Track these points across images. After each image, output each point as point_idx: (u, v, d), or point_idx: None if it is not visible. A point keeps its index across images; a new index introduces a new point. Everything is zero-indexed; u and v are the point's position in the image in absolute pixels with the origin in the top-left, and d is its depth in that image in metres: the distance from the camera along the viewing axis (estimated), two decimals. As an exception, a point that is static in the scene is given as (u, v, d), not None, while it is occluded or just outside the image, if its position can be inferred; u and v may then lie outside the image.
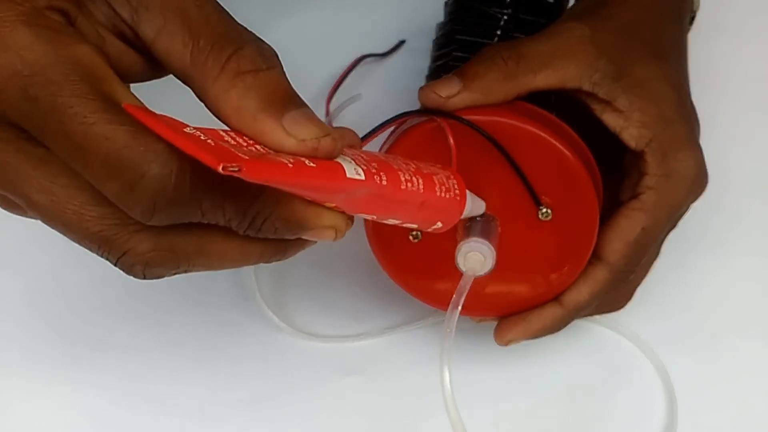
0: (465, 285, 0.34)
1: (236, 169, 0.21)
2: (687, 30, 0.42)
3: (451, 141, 0.34)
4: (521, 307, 0.38)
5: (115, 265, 0.26)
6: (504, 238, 0.36)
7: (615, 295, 0.39)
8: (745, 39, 0.54)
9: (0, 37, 0.23)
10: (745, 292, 0.46)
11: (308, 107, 0.26)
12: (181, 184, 0.23)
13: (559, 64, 0.35)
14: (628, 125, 0.35)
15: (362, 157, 0.28)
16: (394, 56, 0.54)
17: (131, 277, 0.27)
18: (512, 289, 0.38)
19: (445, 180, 0.32)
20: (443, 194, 0.31)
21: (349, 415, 0.42)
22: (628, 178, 0.37)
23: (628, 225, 0.36)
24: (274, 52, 0.26)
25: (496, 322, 0.39)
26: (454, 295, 0.34)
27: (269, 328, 0.44)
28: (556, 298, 0.38)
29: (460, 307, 0.34)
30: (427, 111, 0.35)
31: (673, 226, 0.38)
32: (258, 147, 0.24)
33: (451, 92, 0.35)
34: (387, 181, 0.27)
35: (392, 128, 0.36)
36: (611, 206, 0.37)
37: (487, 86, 0.35)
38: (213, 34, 0.25)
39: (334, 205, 0.27)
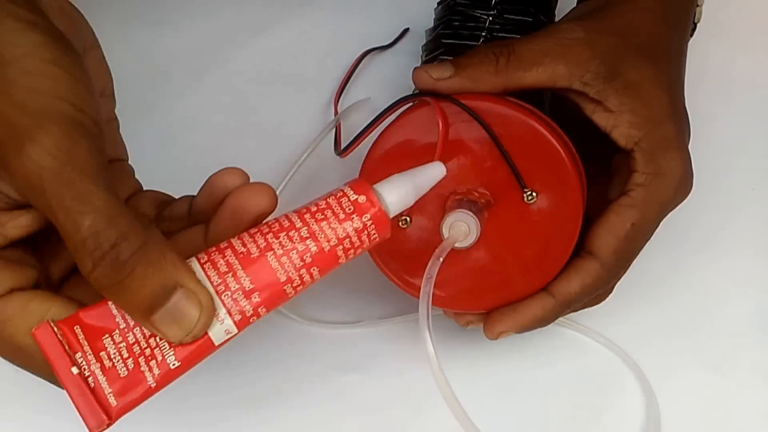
0: (446, 247, 0.35)
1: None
2: (688, 38, 0.43)
3: (440, 121, 0.35)
4: (510, 300, 0.38)
5: None
6: (492, 224, 0.37)
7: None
8: (744, 43, 0.54)
9: None
10: (723, 291, 0.46)
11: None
12: None
13: (550, 63, 0.36)
14: (618, 125, 0.36)
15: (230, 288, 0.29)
16: (398, 59, 0.54)
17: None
18: (501, 279, 0.38)
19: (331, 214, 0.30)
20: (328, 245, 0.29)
21: (349, 409, 0.43)
22: (617, 177, 0.38)
23: (619, 221, 0.37)
24: None
25: (481, 326, 0.39)
26: (434, 255, 0.34)
27: (273, 318, 0.44)
28: (545, 289, 0.38)
29: (441, 259, 0.34)
30: (421, 94, 0.36)
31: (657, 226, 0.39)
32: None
33: (442, 75, 0.36)
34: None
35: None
36: (601, 205, 0.38)
37: (477, 76, 0.36)
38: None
39: None
